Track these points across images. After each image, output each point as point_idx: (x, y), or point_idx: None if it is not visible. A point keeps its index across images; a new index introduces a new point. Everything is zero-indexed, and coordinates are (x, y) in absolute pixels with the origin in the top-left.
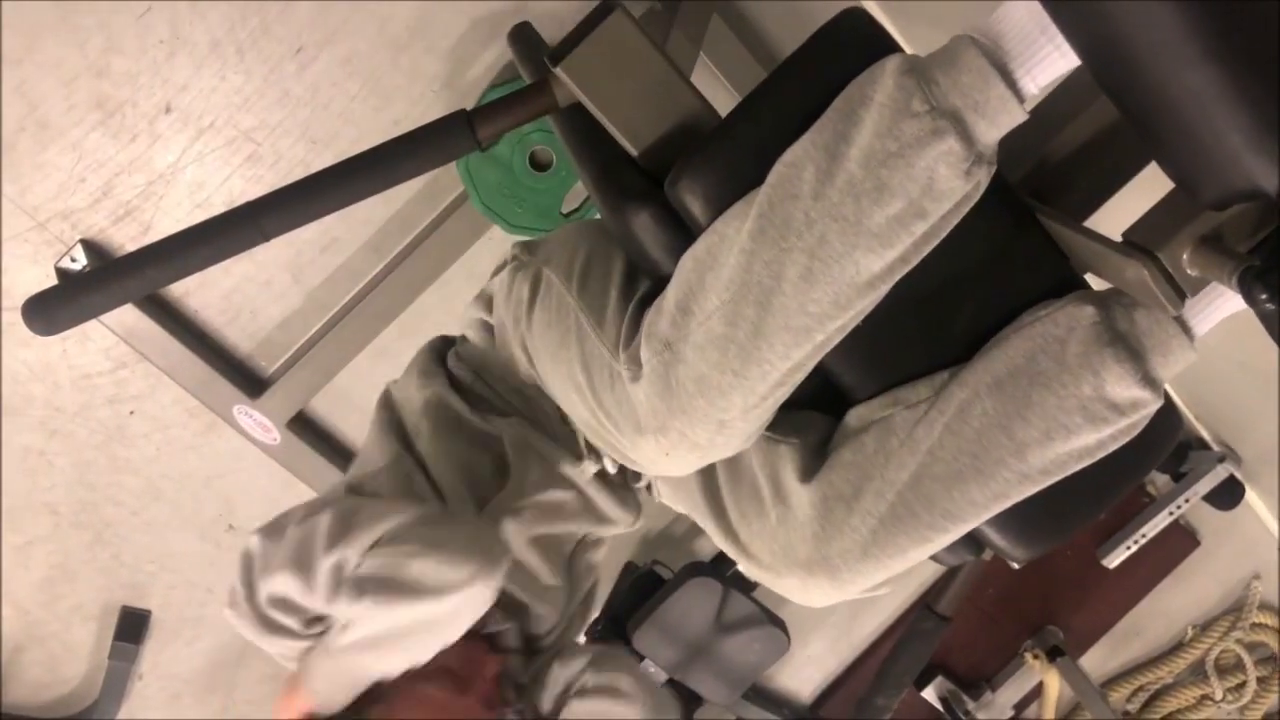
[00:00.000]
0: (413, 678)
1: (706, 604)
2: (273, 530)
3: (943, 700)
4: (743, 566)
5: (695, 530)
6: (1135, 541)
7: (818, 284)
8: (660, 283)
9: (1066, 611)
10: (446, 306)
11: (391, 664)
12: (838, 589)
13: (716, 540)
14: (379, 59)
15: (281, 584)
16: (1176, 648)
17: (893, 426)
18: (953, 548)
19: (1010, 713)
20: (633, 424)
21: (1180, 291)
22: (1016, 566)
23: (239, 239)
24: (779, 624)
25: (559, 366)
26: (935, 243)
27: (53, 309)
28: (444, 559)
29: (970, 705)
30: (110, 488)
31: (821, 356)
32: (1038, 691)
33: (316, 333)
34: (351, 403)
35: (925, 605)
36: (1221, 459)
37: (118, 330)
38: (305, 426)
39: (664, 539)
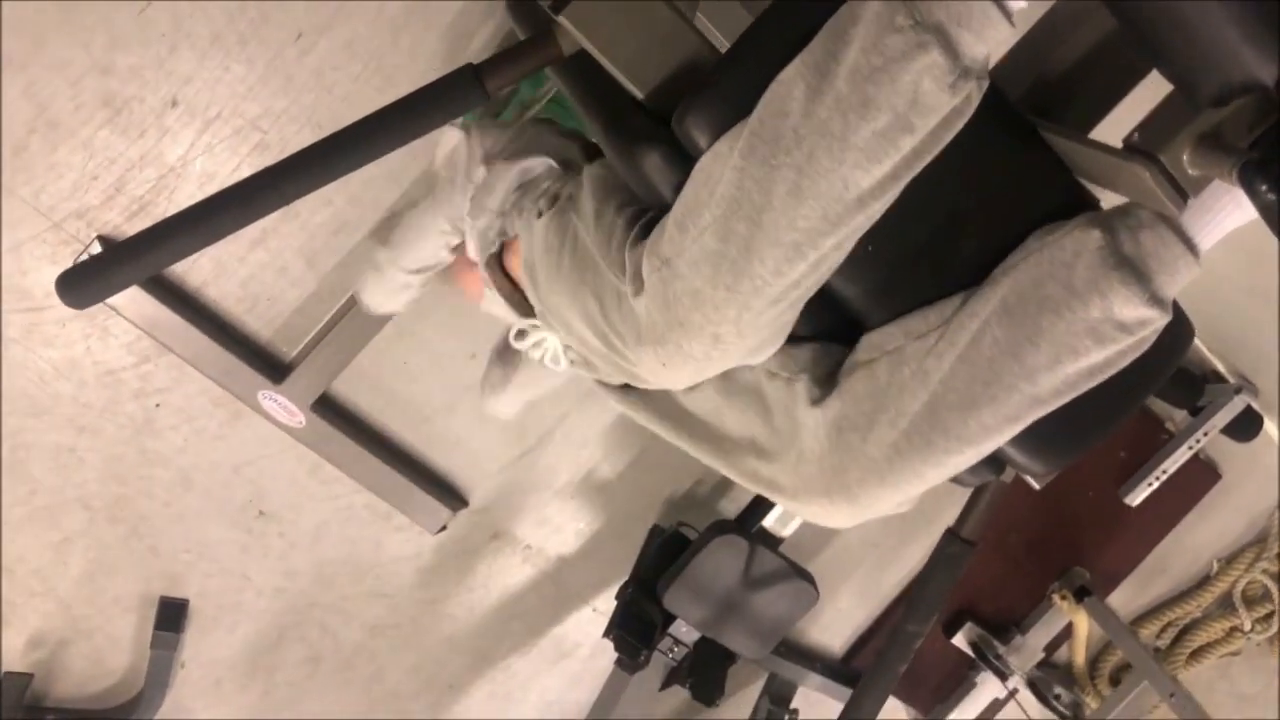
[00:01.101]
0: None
1: (733, 561)
2: None
3: (973, 645)
4: (768, 495)
5: (719, 491)
6: (1156, 478)
7: (806, 200)
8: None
9: (1092, 552)
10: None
11: None
12: (859, 512)
13: (739, 479)
14: (379, 40)
15: None
16: (1203, 582)
17: (904, 357)
18: (973, 468)
19: (1041, 655)
20: (635, 336)
21: (1182, 192)
22: (1038, 486)
23: (259, 204)
24: (807, 576)
25: (576, 301)
26: (926, 159)
27: (83, 283)
28: None
29: (1001, 649)
30: (141, 480)
31: (824, 277)
32: (1067, 633)
33: (334, 315)
34: (374, 382)
35: (949, 531)
36: (1238, 390)
37: (139, 323)
38: (330, 408)
39: (688, 501)
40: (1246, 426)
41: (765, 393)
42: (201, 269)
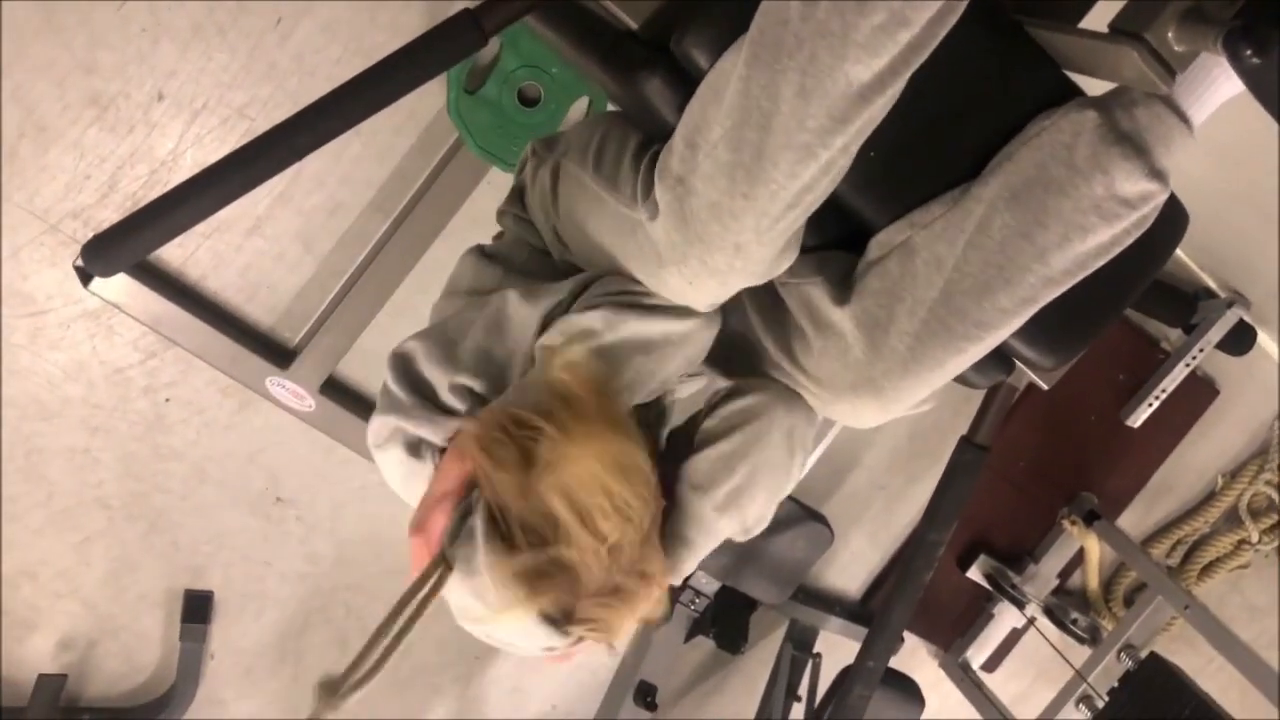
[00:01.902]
0: None
1: None
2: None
3: (988, 577)
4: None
5: None
6: (1156, 398)
7: (813, 100)
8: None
9: (1098, 476)
10: (457, 255)
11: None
12: (884, 409)
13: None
14: (358, 19)
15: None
16: (1209, 498)
17: (914, 248)
18: (984, 369)
19: (1055, 582)
20: (655, 261)
21: (1170, 69)
22: (1046, 386)
23: (274, 160)
24: (820, 518)
25: (587, 239)
26: (924, 55)
27: (109, 249)
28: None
29: (1015, 579)
30: (157, 476)
31: (834, 182)
32: (1080, 558)
33: (335, 297)
34: (379, 361)
35: (964, 438)
36: (1230, 304)
37: (143, 319)
38: (338, 390)
39: None
40: (1240, 340)
41: (779, 299)
42: (200, 261)
